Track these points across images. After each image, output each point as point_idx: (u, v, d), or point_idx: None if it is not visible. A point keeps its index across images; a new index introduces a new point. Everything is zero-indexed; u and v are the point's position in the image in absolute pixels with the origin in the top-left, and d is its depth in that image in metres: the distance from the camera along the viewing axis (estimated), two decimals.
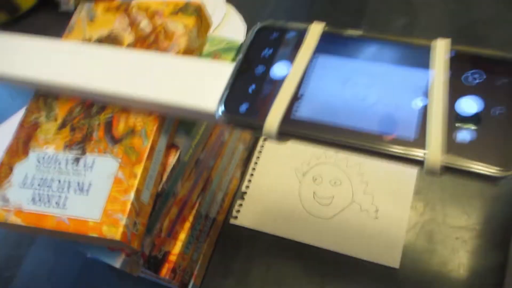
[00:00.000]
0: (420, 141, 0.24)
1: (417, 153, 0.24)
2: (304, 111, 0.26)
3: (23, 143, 0.34)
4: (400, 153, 0.24)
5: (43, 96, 0.36)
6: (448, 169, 0.23)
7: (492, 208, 0.44)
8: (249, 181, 0.50)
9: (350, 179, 0.48)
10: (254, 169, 0.50)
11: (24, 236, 0.52)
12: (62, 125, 0.34)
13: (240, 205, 0.48)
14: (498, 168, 0.23)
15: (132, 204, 0.29)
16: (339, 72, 0.28)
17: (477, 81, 0.26)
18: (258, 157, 0.51)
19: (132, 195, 0.29)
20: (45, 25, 0.69)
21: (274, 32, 0.30)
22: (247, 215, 0.48)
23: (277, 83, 0.28)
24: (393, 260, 0.42)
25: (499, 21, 0.57)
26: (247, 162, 0.51)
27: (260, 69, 0.28)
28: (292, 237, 0.45)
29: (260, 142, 0.52)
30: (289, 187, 0.49)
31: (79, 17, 0.39)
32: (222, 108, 0.28)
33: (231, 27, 0.60)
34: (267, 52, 0.29)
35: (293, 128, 0.26)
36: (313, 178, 0.49)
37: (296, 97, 0.27)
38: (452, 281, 0.41)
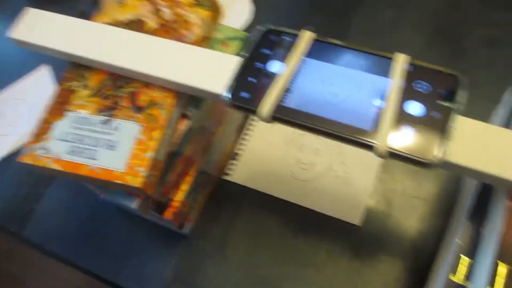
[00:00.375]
0: (374, 132, 0.32)
1: (371, 141, 0.32)
2: (290, 102, 0.34)
3: (60, 104, 0.41)
4: (358, 139, 0.32)
5: (78, 67, 0.43)
6: (392, 155, 0.32)
7: (442, 182, 0.53)
8: (242, 144, 0.58)
9: (329, 149, 0.56)
10: (246, 134, 0.58)
11: (44, 176, 0.60)
12: (94, 93, 0.41)
13: (233, 164, 0.57)
14: (429, 157, 0.31)
15: (151, 160, 0.37)
16: (321, 73, 0.35)
17: (424, 90, 0.34)
18: (251, 124, 0.59)
19: (151, 153, 0.37)
20: None
21: (275, 35, 0.37)
22: (238, 173, 0.56)
23: (271, 78, 0.35)
24: (355, 218, 0.52)
25: (475, 23, 0.64)
26: (241, 128, 0.59)
27: (260, 65, 0.36)
28: (275, 194, 0.54)
29: None
30: (276, 151, 0.57)
31: (108, 0, 0.45)
32: (228, 95, 0.35)
33: (239, 7, 0.66)
34: (267, 51, 0.37)
35: (281, 114, 0.34)
36: (298, 145, 0.57)
37: (285, 90, 0.35)
38: (402, 239, 0.50)
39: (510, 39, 0.61)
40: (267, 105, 0.34)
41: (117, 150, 0.38)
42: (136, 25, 0.43)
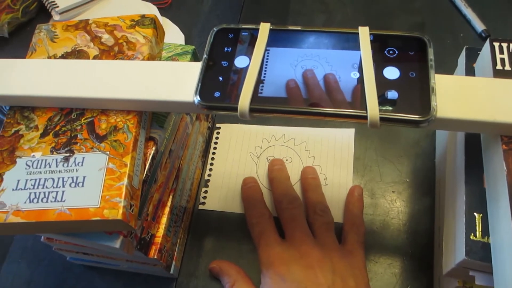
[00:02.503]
0: (362, 102, 0.31)
1: (361, 111, 0.31)
2: (267, 91, 0.33)
3: (8, 153, 0.36)
4: (349, 113, 0.31)
5: (19, 110, 0.38)
6: (385, 120, 0.31)
7: (416, 163, 0.53)
8: (210, 169, 0.55)
9: (299, 155, 0.55)
10: (213, 158, 0.56)
11: None
12: (45, 133, 0.37)
13: (206, 191, 0.53)
14: (419, 115, 0.30)
15: (127, 188, 0.33)
16: (289, 58, 0.34)
17: (393, 55, 0.33)
18: (215, 147, 0.56)
19: (125, 180, 0.34)
20: None
21: (230, 33, 0.36)
22: (213, 200, 0.53)
23: (241, 73, 0.34)
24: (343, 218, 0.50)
25: (399, 12, 0.67)
26: (205, 153, 0.56)
27: (224, 63, 0.34)
28: None
29: (215, 134, 0.57)
30: (247, 169, 0.54)
31: (39, 38, 0.42)
32: (197, 98, 0.33)
33: (172, 37, 0.65)
34: (227, 49, 0.35)
35: (261, 105, 0.32)
36: (267, 158, 0.55)
37: (259, 81, 0.33)
38: (396, 225, 0.49)
39: (431, 22, 0.66)
40: (245, 98, 0.32)
41: (86, 185, 0.34)
42: (76, 56, 0.39)
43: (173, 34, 0.64)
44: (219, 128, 0.57)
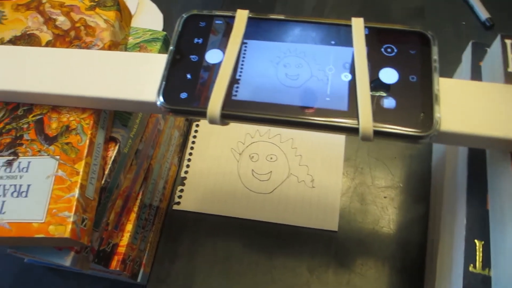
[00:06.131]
0: (353, 111, 0.27)
1: (351, 122, 0.26)
2: (243, 94, 0.28)
3: None
4: (336, 124, 0.26)
5: None
6: (379, 134, 0.26)
7: (411, 167, 0.49)
8: (187, 166, 0.50)
9: (285, 154, 0.50)
10: (191, 153, 0.51)
11: None
12: None
13: (182, 190, 0.49)
14: (419, 129, 0.26)
15: (78, 200, 0.29)
16: (269, 54, 0.29)
17: (392, 53, 0.28)
18: (193, 142, 0.52)
19: (77, 191, 0.29)
20: None
21: (202, 21, 0.31)
22: (189, 200, 0.48)
23: (213, 70, 0.29)
24: (332, 224, 0.46)
25: None
26: (183, 148, 0.51)
27: (193, 57, 0.29)
28: (235, 214, 0.47)
29: (194, 127, 0.52)
30: (227, 167, 0.50)
31: None
32: (161, 99, 0.28)
33: (148, 17, 0.59)
34: (198, 40, 0.30)
35: (235, 111, 0.27)
36: (250, 156, 0.50)
37: (233, 81, 0.28)
38: (385, 235, 0.45)
39: (432, 8, 0.59)
40: (216, 101, 0.27)
41: (30, 195, 0.29)
42: (26, 41, 0.34)
43: (150, 14, 0.58)
44: (199, 120, 0.53)
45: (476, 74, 0.36)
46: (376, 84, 0.27)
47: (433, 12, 0.59)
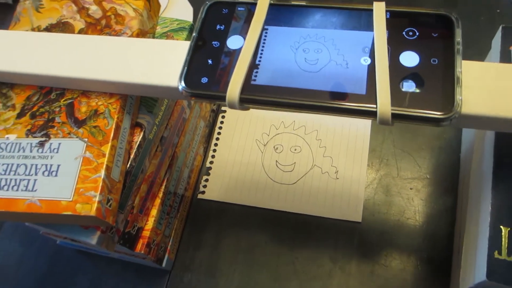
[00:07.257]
0: (371, 94, 0.26)
1: (369, 105, 0.26)
2: (262, 79, 0.28)
3: None
4: (355, 107, 0.26)
5: None
6: (398, 116, 0.26)
7: (439, 158, 0.48)
8: (213, 156, 0.51)
9: (309, 145, 0.50)
10: (216, 144, 0.52)
11: None
12: (21, 114, 0.34)
13: (207, 180, 0.50)
14: (440, 112, 0.25)
15: (104, 181, 0.30)
16: (289, 40, 0.29)
17: (413, 37, 0.28)
18: (219, 133, 0.52)
19: (102, 172, 0.30)
20: None
21: (224, 8, 0.31)
22: (214, 189, 0.49)
23: (234, 55, 0.29)
24: (355, 215, 0.45)
25: None
26: (208, 139, 0.52)
27: (215, 44, 0.30)
28: (259, 205, 0.47)
29: (220, 119, 0.53)
30: (252, 158, 0.50)
31: (24, 7, 0.38)
32: (182, 83, 0.29)
33: (179, 10, 0.60)
34: (220, 27, 0.30)
35: (254, 95, 0.28)
36: (274, 147, 0.51)
37: (253, 66, 0.28)
38: (411, 227, 0.44)
39: None
40: (235, 85, 0.28)
41: (60, 175, 0.30)
42: (60, 29, 0.36)
43: (181, 6, 0.60)
44: (225, 112, 0.53)
45: (505, 59, 0.35)
46: (395, 67, 0.27)
47: (466, 0, 0.58)
